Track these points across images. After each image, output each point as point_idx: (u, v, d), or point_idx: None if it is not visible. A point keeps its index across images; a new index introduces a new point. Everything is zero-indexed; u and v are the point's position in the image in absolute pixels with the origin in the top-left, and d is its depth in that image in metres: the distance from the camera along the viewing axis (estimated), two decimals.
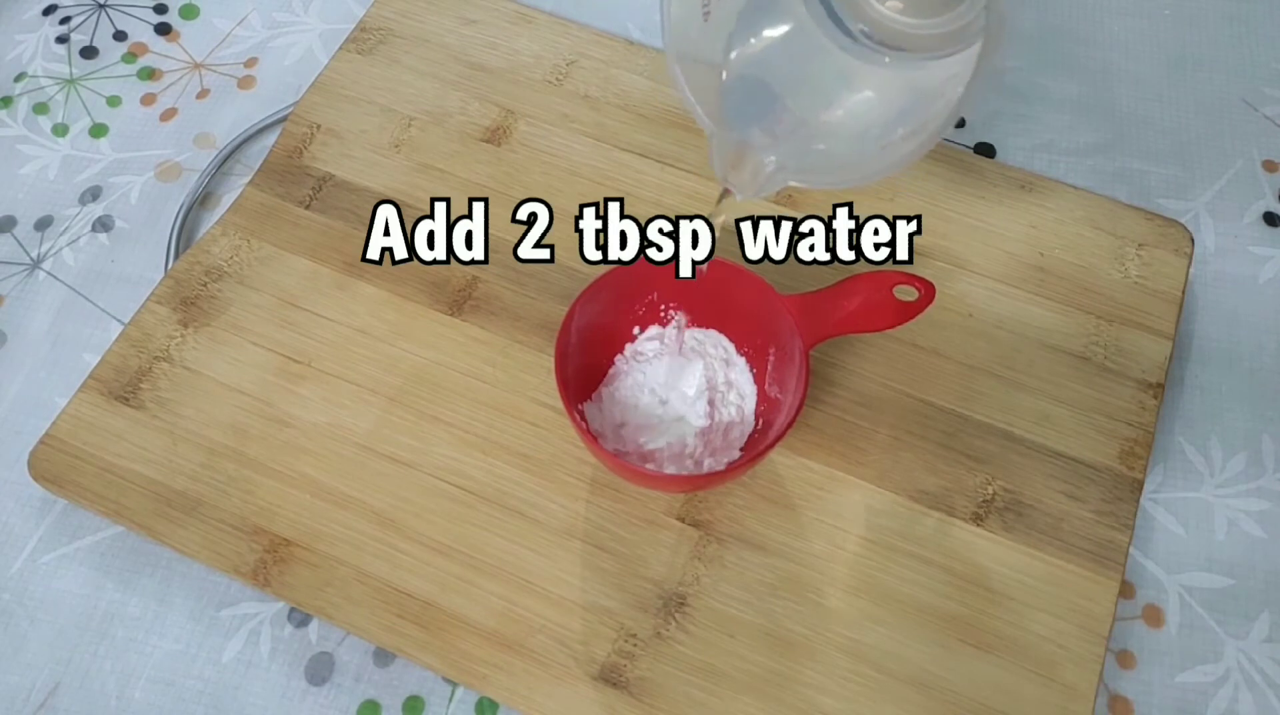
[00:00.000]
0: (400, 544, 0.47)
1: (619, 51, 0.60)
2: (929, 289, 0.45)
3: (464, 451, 0.49)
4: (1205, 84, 0.61)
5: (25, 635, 0.47)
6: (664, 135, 0.57)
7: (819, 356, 0.50)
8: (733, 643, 0.45)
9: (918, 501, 0.48)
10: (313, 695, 0.46)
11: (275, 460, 0.48)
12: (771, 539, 0.47)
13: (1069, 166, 0.58)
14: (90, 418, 0.49)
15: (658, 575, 0.46)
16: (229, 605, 0.47)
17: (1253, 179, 0.58)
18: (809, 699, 0.44)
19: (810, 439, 0.49)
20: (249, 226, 0.54)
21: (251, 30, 0.64)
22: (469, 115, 0.58)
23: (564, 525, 0.47)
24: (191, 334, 0.51)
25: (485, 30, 0.61)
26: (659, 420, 0.47)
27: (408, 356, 0.51)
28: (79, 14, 0.64)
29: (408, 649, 0.45)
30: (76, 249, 0.56)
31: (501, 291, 0.53)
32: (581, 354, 0.47)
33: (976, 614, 0.45)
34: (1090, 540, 0.47)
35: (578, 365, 0.47)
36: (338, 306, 0.52)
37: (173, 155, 0.59)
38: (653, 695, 0.44)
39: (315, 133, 0.57)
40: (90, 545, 0.49)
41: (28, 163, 0.59)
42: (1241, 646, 0.47)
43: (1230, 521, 0.49)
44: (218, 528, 0.47)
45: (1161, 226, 0.54)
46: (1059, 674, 0.44)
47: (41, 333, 0.54)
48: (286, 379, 0.50)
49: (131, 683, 0.46)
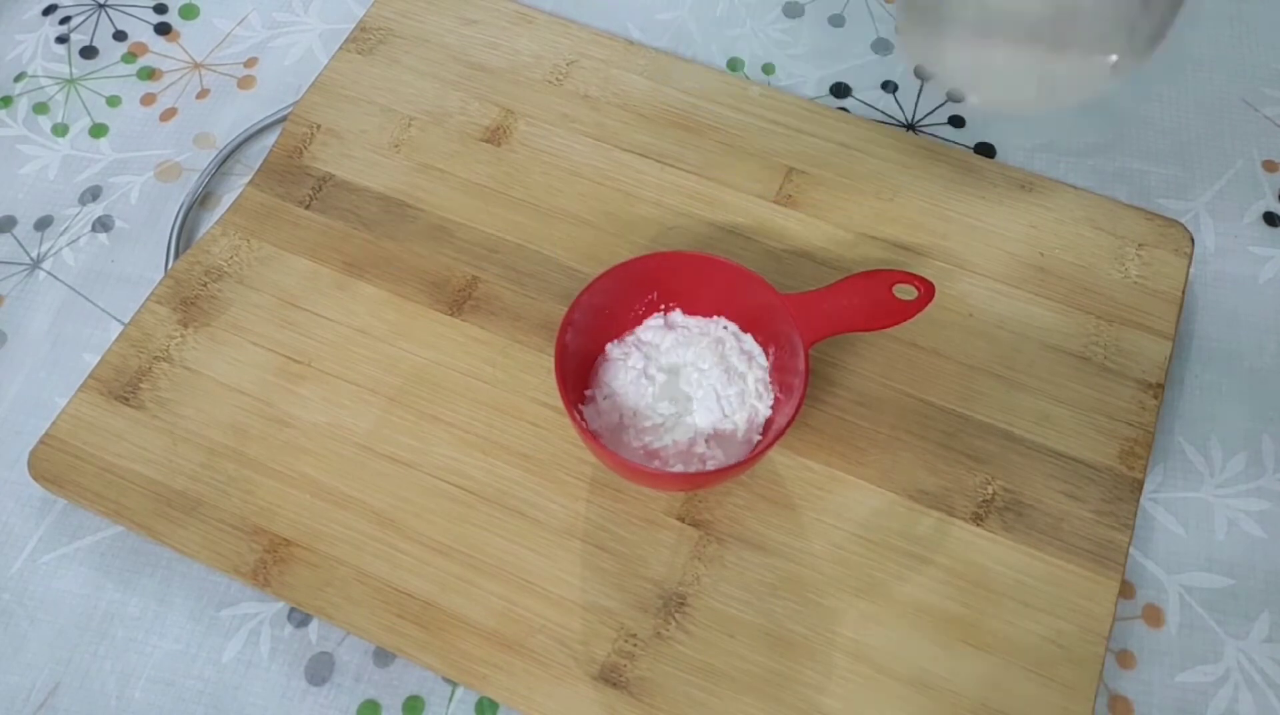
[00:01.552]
0: (400, 544, 0.47)
1: (619, 51, 0.60)
2: (929, 288, 0.45)
3: (464, 451, 0.49)
4: (1205, 84, 0.61)
5: (25, 635, 0.47)
6: (664, 135, 0.57)
7: (819, 356, 0.50)
8: (733, 643, 0.45)
9: (918, 501, 0.48)
10: (313, 695, 0.46)
11: (275, 460, 0.48)
12: (771, 539, 0.47)
13: (1069, 166, 0.58)
14: (90, 418, 0.49)
15: (658, 575, 0.46)
16: (229, 605, 0.47)
17: (1253, 179, 0.58)
18: (809, 699, 0.44)
19: (810, 439, 0.49)
20: (249, 226, 0.54)
21: (251, 30, 0.64)
22: (469, 115, 0.58)
23: (564, 525, 0.47)
24: (191, 334, 0.51)
25: (485, 30, 0.61)
26: (664, 418, 0.47)
27: (408, 356, 0.51)
28: (79, 14, 0.64)
29: (408, 649, 0.45)
30: (76, 249, 0.56)
31: (501, 291, 0.53)
32: (581, 353, 0.47)
33: (976, 614, 0.45)
34: (1090, 540, 0.47)
35: (578, 364, 0.47)
36: (338, 306, 0.52)
37: (173, 155, 0.59)
38: (653, 695, 0.44)
39: (315, 133, 0.57)
40: (90, 545, 0.49)
41: (28, 163, 0.59)
42: (1241, 646, 0.47)
43: (1230, 521, 0.49)
44: (218, 528, 0.47)
45: (1161, 226, 0.54)
46: (1059, 674, 0.44)
47: (41, 333, 0.54)
48: (286, 379, 0.50)
49: (131, 683, 0.46)
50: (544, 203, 0.55)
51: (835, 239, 0.54)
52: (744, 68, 0.62)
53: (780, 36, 0.63)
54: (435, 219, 0.55)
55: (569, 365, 0.46)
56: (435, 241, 0.54)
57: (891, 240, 0.54)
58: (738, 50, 0.63)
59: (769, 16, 0.64)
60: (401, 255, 0.54)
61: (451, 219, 0.55)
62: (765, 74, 0.62)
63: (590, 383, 0.48)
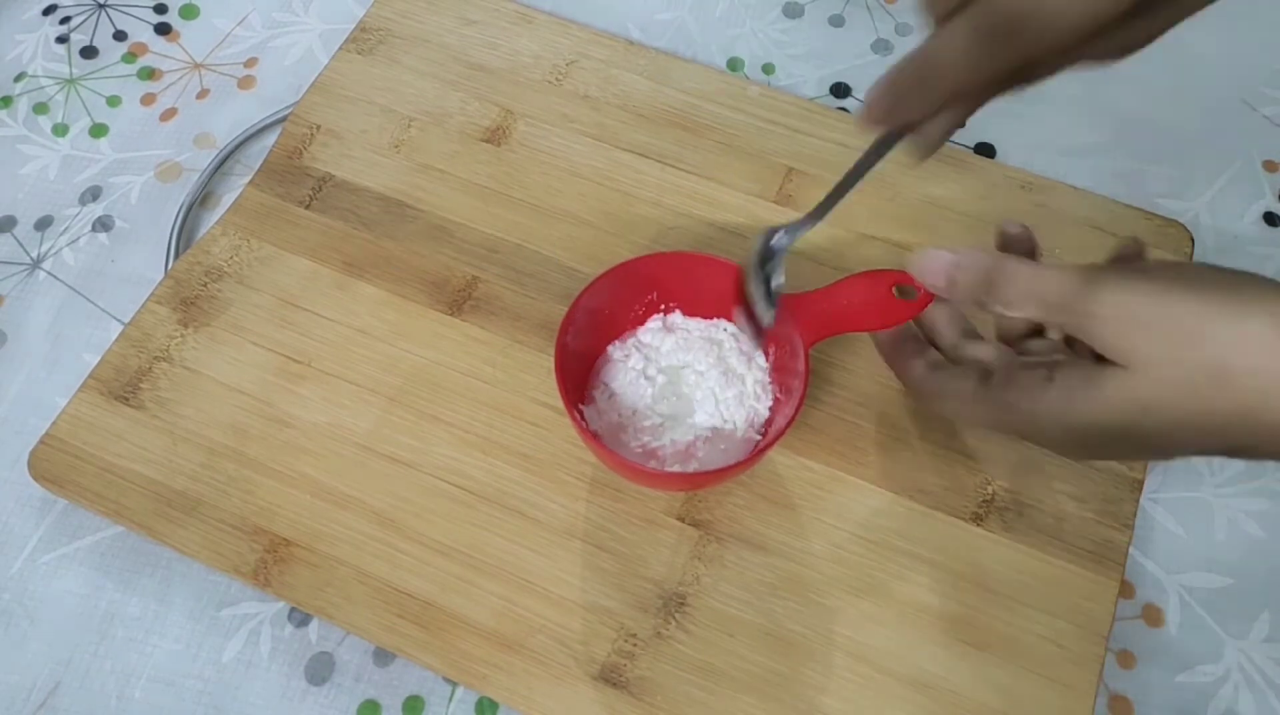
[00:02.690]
0: (400, 544, 0.47)
1: (619, 51, 0.60)
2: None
3: (464, 451, 0.49)
4: (1205, 84, 0.61)
5: (25, 635, 0.47)
6: (664, 135, 0.57)
7: (819, 356, 0.50)
8: (733, 642, 0.45)
9: (918, 501, 0.48)
10: (313, 695, 0.46)
11: (275, 460, 0.48)
12: (771, 539, 0.47)
13: (1069, 166, 0.58)
14: (90, 418, 0.49)
15: (658, 575, 0.46)
16: (229, 605, 0.47)
17: (1252, 179, 0.58)
18: (809, 699, 0.44)
19: (810, 439, 0.49)
20: (249, 226, 0.54)
21: (251, 30, 0.64)
22: (469, 115, 0.58)
23: (564, 525, 0.47)
24: (191, 334, 0.51)
25: (485, 30, 0.61)
26: (663, 418, 0.47)
27: (408, 356, 0.51)
28: (79, 14, 0.64)
29: (407, 649, 0.45)
30: (76, 249, 0.56)
31: (501, 291, 0.53)
32: (581, 353, 0.47)
33: (976, 614, 0.45)
34: (1090, 540, 0.47)
35: (578, 364, 0.47)
36: (338, 306, 0.52)
37: (173, 155, 0.59)
38: (652, 695, 0.44)
39: (315, 133, 0.57)
40: (90, 545, 0.49)
41: (28, 163, 0.59)
42: (1241, 646, 0.47)
43: (1230, 521, 0.49)
44: (218, 528, 0.47)
45: (1161, 226, 0.54)
46: (1059, 674, 0.44)
47: (41, 332, 0.54)
48: (286, 379, 0.50)
49: (131, 683, 0.46)
50: (544, 203, 0.55)
51: (835, 239, 0.54)
52: (744, 68, 0.62)
53: (780, 37, 0.63)
54: (435, 219, 0.55)
55: (569, 365, 0.46)
56: (435, 241, 0.54)
57: (891, 240, 0.54)
58: (737, 50, 0.63)
59: (769, 17, 0.64)
60: (401, 255, 0.54)
61: (451, 219, 0.55)
62: (765, 74, 0.62)
63: (590, 383, 0.48)
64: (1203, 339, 0.33)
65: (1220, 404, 0.33)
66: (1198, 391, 0.33)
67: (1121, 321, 0.34)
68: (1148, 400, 0.34)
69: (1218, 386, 0.33)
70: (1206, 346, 0.33)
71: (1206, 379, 0.33)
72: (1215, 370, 0.33)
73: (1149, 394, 0.34)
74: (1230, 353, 0.33)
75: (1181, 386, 0.33)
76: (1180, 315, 0.34)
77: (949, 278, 0.39)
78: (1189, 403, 0.33)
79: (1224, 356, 0.33)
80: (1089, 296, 0.35)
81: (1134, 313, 0.34)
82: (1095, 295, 0.35)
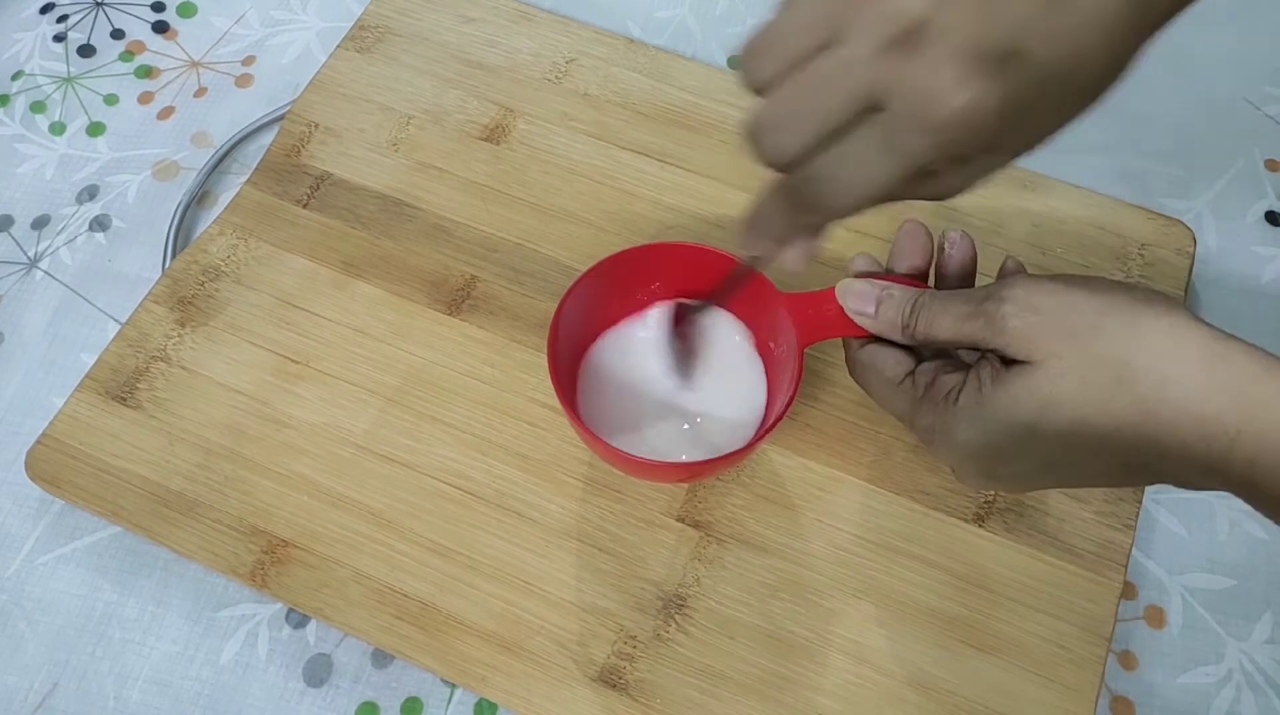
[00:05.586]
0: (398, 545, 0.46)
1: (619, 49, 0.60)
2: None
3: (462, 452, 0.48)
4: (1207, 83, 0.61)
5: (23, 636, 0.47)
6: (664, 134, 0.57)
7: (819, 356, 0.50)
8: (733, 644, 0.45)
9: (918, 501, 0.47)
10: (311, 696, 0.45)
11: (273, 461, 0.48)
12: (771, 540, 0.47)
13: (1071, 165, 0.58)
14: (87, 418, 0.49)
15: (657, 576, 0.46)
16: (226, 606, 0.47)
17: (1255, 178, 0.58)
18: (809, 700, 0.44)
19: (810, 439, 0.49)
20: (246, 225, 0.54)
21: (249, 28, 0.63)
22: (468, 114, 0.58)
23: (563, 526, 0.47)
24: (189, 334, 0.51)
25: (484, 28, 0.60)
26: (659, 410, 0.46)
27: (406, 356, 0.51)
28: (76, 12, 0.64)
29: (406, 650, 0.45)
30: (74, 248, 0.56)
31: (500, 291, 0.52)
32: (576, 346, 0.47)
33: (977, 615, 0.45)
34: (1092, 541, 0.46)
35: (572, 358, 0.47)
36: (335, 306, 0.52)
37: (170, 154, 0.59)
38: (652, 697, 0.44)
39: (313, 131, 0.57)
40: (87, 546, 0.49)
41: (25, 162, 0.59)
42: (1243, 647, 0.47)
43: (1232, 522, 0.49)
44: (215, 528, 0.47)
45: (1164, 226, 0.54)
46: (1060, 675, 0.44)
47: (38, 332, 0.54)
48: (284, 379, 0.50)
49: (129, 684, 0.46)
50: (543, 202, 0.55)
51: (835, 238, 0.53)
52: None
53: None
54: (434, 218, 0.54)
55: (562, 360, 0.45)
56: (433, 241, 0.54)
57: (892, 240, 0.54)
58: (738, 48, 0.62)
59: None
60: (400, 254, 0.53)
61: (450, 218, 0.54)
62: None
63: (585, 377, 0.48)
64: (1105, 334, 0.34)
65: (1118, 405, 0.33)
66: (1099, 386, 0.33)
67: (1025, 318, 0.35)
68: (1049, 394, 0.34)
69: (1117, 383, 0.33)
70: (1108, 342, 0.33)
71: (1108, 376, 0.33)
72: (1116, 365, 0.33)
73: (1051, 388, 0.34)
74: (1131, 350, 0.33)
75: (1083, 380, 0.33)
76: (1084, 311, 0.34)
77: (876, 307, 0.41)
78: (1089, 395, 0.33)
79: (1125, 353, 0.33)
80: (997, 299, 0.36)
81: (1037, 308, 0.35)
82: (1002, 296, 0.36)
